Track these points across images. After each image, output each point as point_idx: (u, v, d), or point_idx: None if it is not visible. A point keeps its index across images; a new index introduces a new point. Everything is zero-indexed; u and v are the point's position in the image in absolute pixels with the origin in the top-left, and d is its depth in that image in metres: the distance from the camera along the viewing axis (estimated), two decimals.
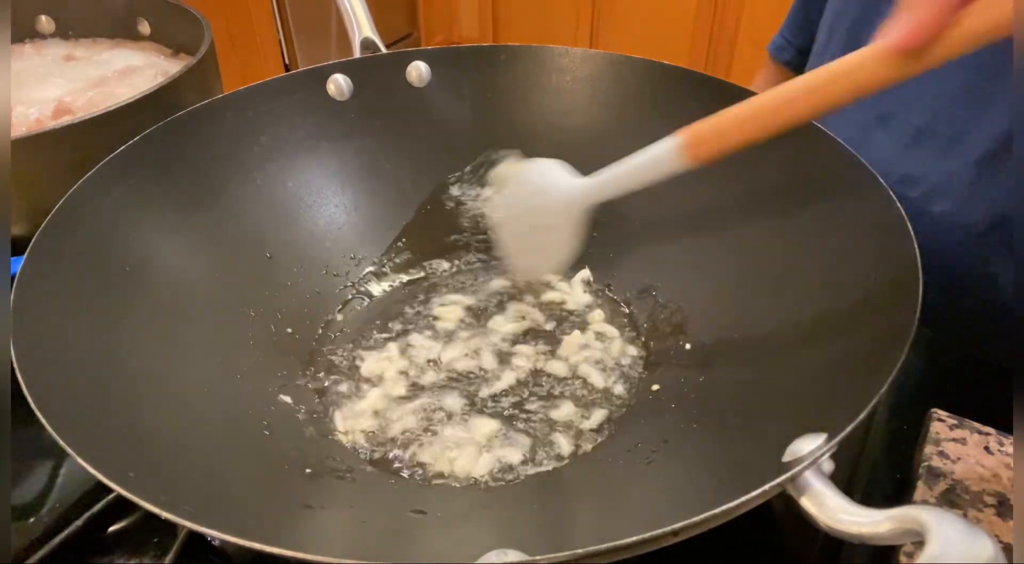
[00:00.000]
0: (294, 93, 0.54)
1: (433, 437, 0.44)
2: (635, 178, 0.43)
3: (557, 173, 0.47)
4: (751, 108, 0.37)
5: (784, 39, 0.74)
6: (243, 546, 0.26)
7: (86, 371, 0.36)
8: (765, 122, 0.37)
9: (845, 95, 0.34)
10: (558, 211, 0.46)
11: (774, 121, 0.36)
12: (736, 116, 0.38)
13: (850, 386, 0.33)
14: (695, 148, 0.39)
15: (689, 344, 0.47)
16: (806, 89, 0.35)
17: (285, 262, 0.52)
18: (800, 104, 0.36)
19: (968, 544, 0.22)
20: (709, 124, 0.38)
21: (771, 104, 0.36)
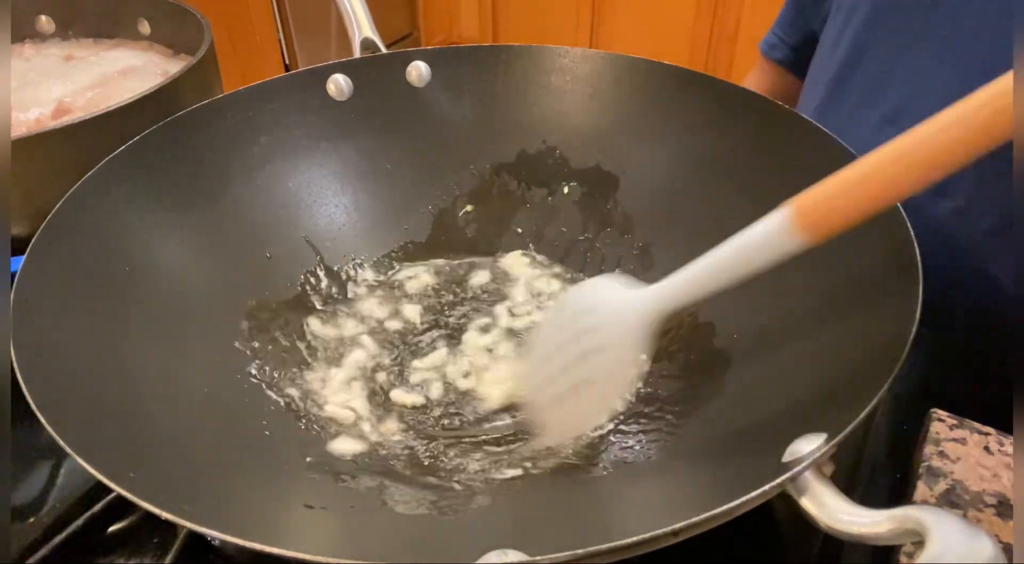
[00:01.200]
0: (294, 93, 0.54)
1: (433, 437, 0.44)
2: (729, 271, 0.34)
3: (613, 286, 0.38)
4: (880, 166, 0.30)
5: (777, 37, 0.74)
6: (243, 546, 0.26)
7: (86, 371, 0.36)
8: (899, 183, 0.29)
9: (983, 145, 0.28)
10: (613, 333, 0.37)
11: (910, 181, 0.29)
12: (862, 177, 0.30)
13: (850, 386, 0.33)
14: (816, 220, 0.31)
15: (689, 345, 0.47)
16: (950, 135, 0.29)
17: (285, 262, 0.52)
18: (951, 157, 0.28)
19: (968, 544, 0.22)
20: (829, 189, 0.30)
21: (912, 156, 0.29)
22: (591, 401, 0.39)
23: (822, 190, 0.31)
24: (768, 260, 0.33)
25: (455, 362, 0.48)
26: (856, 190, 0.30)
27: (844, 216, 0.31)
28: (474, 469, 0.42)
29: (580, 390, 0.39)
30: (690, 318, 0.49)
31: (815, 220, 0.31)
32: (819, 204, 0.31)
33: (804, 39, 0.71)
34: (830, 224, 0.31)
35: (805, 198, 0.31)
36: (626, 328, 0.37)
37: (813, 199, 0.31)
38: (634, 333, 0.36)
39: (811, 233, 0.31)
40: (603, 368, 0.38)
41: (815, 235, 0.31)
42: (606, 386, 0.39)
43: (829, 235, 0.31)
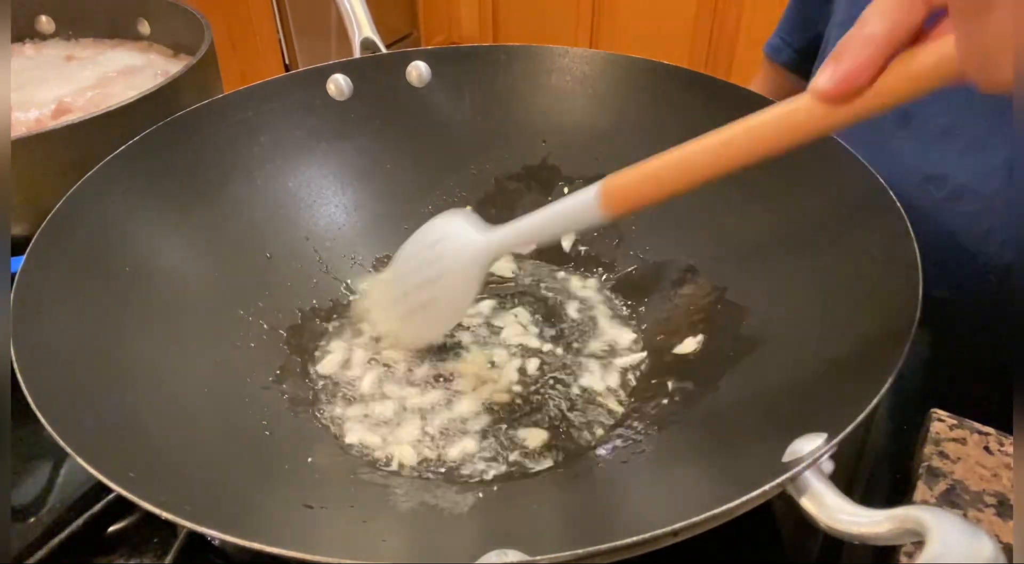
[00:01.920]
0: (294, 93, 0.54)
1: (433, 437, 0.44)
2: (548, 229, 0.41)
3: (459, 225, 0.44)
4: (677, 158, 0.35)
5: (781, 40, 0.74)
6: (243, 546, 0.26)
7: (86, 371, 0.36)
8: (690, 174, 0.35)
9: (774, 146, 0.32)
10: (454, 267, 0.44)
11: (700, 173, 0.34)
12: (661, 166, 0.35)
13: (850, 386, 0.33)
14: (615, 200, 0.37)
15: (689, 345, 0.47)
16: (732, 140, 0.33)
17: (285, 262, 0.52)
18: (727, 155, 0.33)
19: (968, 544, 0.22)
20: (632, 175, 0.36)
21: (698, 155, 0.34)
22: (432, 318, 0.47)
23: (625, 176, 0.37)
24: (577, 226, 0.41)
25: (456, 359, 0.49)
26: (650, 180, 0.36)
27: (636, 201, 0.37)
28: (475, 468, 0.42)
29: (424, 308, 0.46)
30: (690, 320, 0.49)
31: (615, 201, 0.37)
32: (619, 188, 0.37)
33: (809, 42, 0.70)
34: (625, 206, 0.37)
35: (611, 181, 0.37)
36: (463, 263, 0.43)
37: (616, 183, 0.37)
38: (469, 268, 0.43)
39: (611, 210, 0.37)
40: (442, 292, 0.45)
41: (613, 212, 0.37)
42: (443, 305, 0.46)
43: (624, 213, 0.37)
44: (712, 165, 0.34)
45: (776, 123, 0.32)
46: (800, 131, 0.31)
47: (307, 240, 0.54)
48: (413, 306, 0.47)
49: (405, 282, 0.47)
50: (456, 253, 0.44)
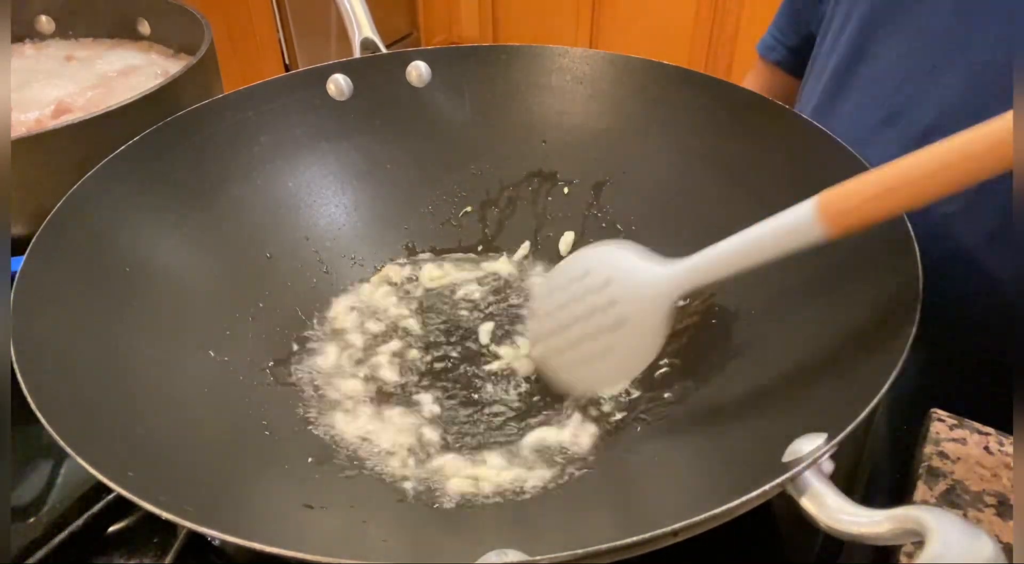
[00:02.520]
0: (294, 93, 0.54)
1: (434, 437, 0.44)
2: (752, 254, 0.36)
3: (631, 259, 0.40)
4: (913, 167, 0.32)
5: (774, 38, 0.74)
6: (243, 546, 0.26)
7: (86, 371, 0.36)
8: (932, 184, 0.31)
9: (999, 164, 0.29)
10: (634, 308, 0.38)
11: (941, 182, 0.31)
12: (894, 176, 0.32)
13: (850, 386, 0.33)
14: (839, 215, 0.33)
15: (689, 345, 0.47)
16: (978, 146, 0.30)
17: (285, 262, 0.52)
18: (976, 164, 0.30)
19: (968, 544, 0.22)
20: (859, 186, 0.33)
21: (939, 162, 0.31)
22: (612, 367, 0.41)
23: (848, 188, 0.33)
24: (790, 246, 0.35)
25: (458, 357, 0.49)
26: (880, 192, 0.32)
27: (865, 214, 0.33)
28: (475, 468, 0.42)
29: (597, 359, 0.41)
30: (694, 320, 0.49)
31: (838, 215, 0.33)
32: (844, 200, 0.33)
33: (802, 40, 0.70)
34: (851, 220, 0.33)
35: (832, 193, 0.33)
36: (649, 302, 0.38)
37: (839, 195, 0.33)
38: (656, 308, 0.38)
39: (833, 226, 0.33)
40: (623, 340, 0.39)
41: (836, 228, 0.33)
42: (625, 357, 0.40)
43: (849, 230, 0.33)
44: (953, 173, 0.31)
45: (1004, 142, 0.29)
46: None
47: (307, 240, 0.54)
48: (586, 356, 0.41)
49: (570, 332, 0.42)
50: (635, 294, 0.39)
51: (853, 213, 0.33)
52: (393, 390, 0.47)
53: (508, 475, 0.41)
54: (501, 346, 0.50)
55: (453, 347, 0.50)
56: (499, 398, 0.46)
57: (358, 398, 0.46)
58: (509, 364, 0.48)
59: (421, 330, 0.51)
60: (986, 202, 0.50)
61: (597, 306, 0.40)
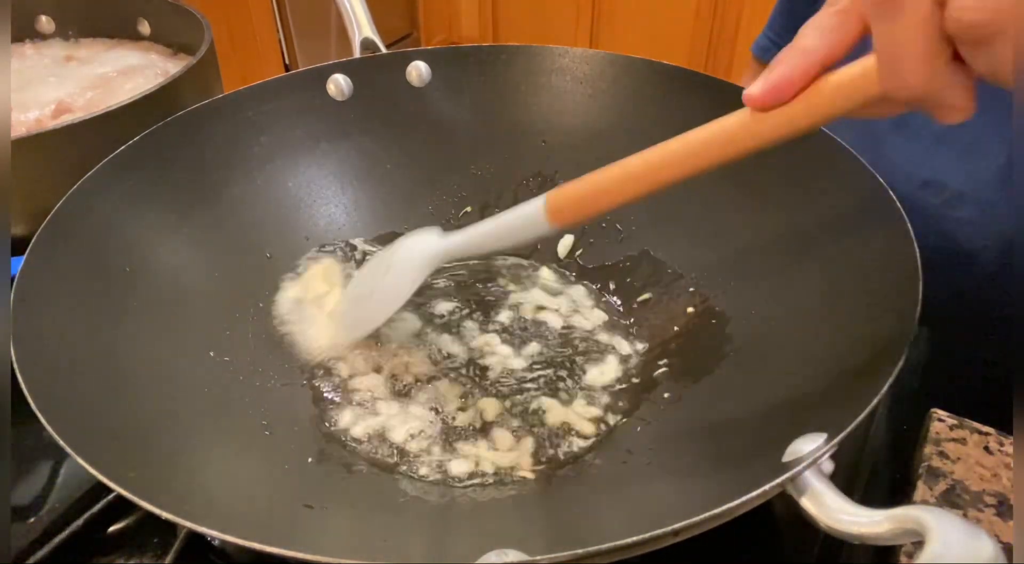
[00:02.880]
0: (294, 93, 0.54)
1: (434, 437, 0.44)
2: (498, 239, 0.42)
3: (421, 232, 0.46)
4: (619, 172, 0.36)
5: (768, 39, 0.74)
6: (243, 546, 0.26)
7: (86, 371, 0.36)
8: (632, 187, 0.36)
9: (710, 158, 0.34)
10: (403, 261, 0.46)
11: (640, 186, 0.36)
12: (604, 180, 0.37)
13: (850, 386, 0.33)
14: (561, 211, 0.38)
15: (689, 345, 0.47)
16: (672, 154, 0.35)
17: (285, 262, 0.52)
18: (668, 171, 0.35)
19: (968, 544, 0.22)
20: (576, 188, 0.38)
21: (639, 168, 0.36)
22: (373, 305, 0.47)
23: (569, 189, 0.38)
24: (526, 237, 0.40)
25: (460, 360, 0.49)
26: (594, 192, 0.37)
27: (580, 212, 0.38)
28: (475, 469, 0.42)
29: (369, 295, 0.47)
30: (694, 320, 0.49)
31: (559, 212, 0.38)
32: (564, 200, 0.38)
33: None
34: (570, 217, 0.39)
35: (556, 193, 0.39)
36: (412, 257, 0.45)
37: (561, 195, 0.38)
38: (416, 261, 0.45)
39: (557, 221, 0.38)
40: (387, 282, 0.46)
41: (559, 223, 0.39)
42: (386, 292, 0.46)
43: (570, 224, 0.39)
44: (652, 179, 0.35)
45: (711, 137, 0.33)
46: (733, 144, 0.33)
47: (307, 240, 0.54)
48: (359, 293, 0.48)
49: (358, 278, 0.50)
50: (409, 250, 0.46)
51: (571, 210, 0.38)
52: (394, 392, 0.47)
53: (507, 476, 0.41)
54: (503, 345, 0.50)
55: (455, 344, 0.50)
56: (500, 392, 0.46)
57: (358, 398, 0.46)
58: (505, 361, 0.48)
59: (420, 327, 0.51)
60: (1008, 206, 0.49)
61: (383, 258, 0.47)
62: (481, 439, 0.44)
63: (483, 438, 0.44)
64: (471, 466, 0.42)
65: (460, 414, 0.45)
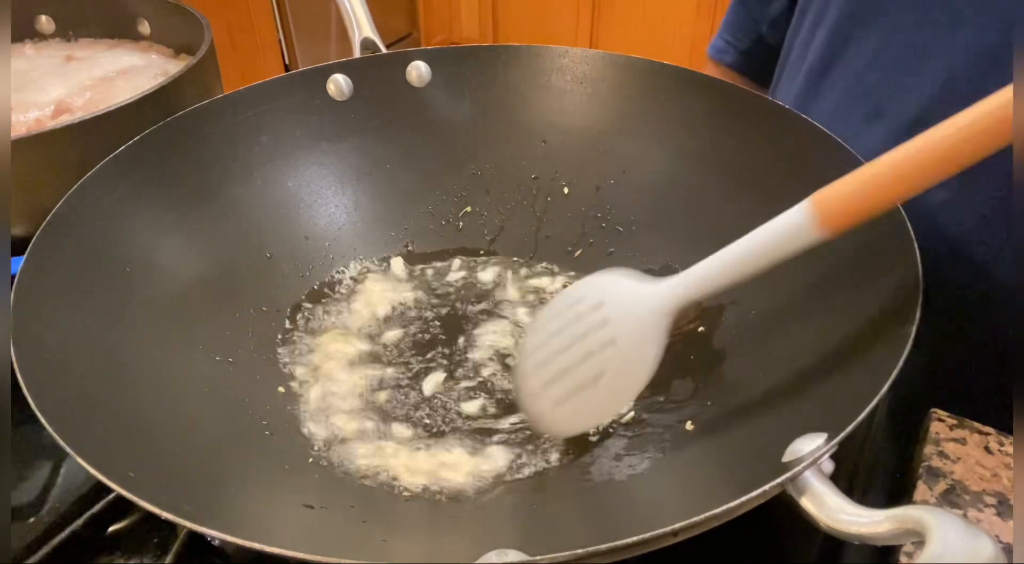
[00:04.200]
0: (294, 93, 0.54)
1: (435, 437, 0.44)
2: (748, 264, 0.35)
3: (624, 281, 0.38)
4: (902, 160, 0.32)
5: (725, 42, 0.74)
6: (243, 546, 0.26)
7: (86, 371, 0.36)
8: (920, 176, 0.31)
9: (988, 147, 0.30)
10: (626, 327, 0.37)
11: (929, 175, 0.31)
12: (884, 172, 0.32)
13: (850, 386, 0.33)
14: (834, 215, 0.33)
15: (688, 345, 0.47)
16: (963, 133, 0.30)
17: (285, 262, 0.52)
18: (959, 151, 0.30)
19: (968, 544, 0.22)
20: (849, 185, 0.33)
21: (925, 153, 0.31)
22: (601, 396, 0.38)
23: (840, 186, 0.33)
24: (788, 251, 0.34)
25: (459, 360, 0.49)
26: (870, 187, 0.33)
27: (858, 211, 0.33)
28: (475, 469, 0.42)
29: (588, 386, 0.38)
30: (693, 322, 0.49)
31: (833, 214, 0.33)
32: (837, 199, 0.33)
33: (753, 42, 0.71)
34: (846, 218, 0.33)
35: (825, 193, 0.33)
36: (641, 319, 0.36)
37: (832, 194, 0.33)
38: (650, 327, 0.36)
39: (829, 226, 0.33)
40: (615, 362, 0.37)
41: (833, 228, 0.33)
42: (618, 379, 0.38)
43: (845, 228, 0.33)
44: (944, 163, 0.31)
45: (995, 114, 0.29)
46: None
47: (307, 240, 0.54)
48: (577, 384, 0.39)
49: (560, 360, 0.39)
50: (629, 311, 0.37)
51: (849, 212, 0.33)
52: (394, 390, 0.47)
53: (507, 476, 0.41)
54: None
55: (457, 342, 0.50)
56: (501, 393, 0.46)
57: (358, 398, 0.46)
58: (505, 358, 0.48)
59: (423, 328, 0.51)
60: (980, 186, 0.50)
61: (589, 327, 0.38)
62: (481, 438, 0.43)
63: (483, 438, 0.44)
64: (471, 466, 0.42)
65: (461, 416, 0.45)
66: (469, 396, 0.46)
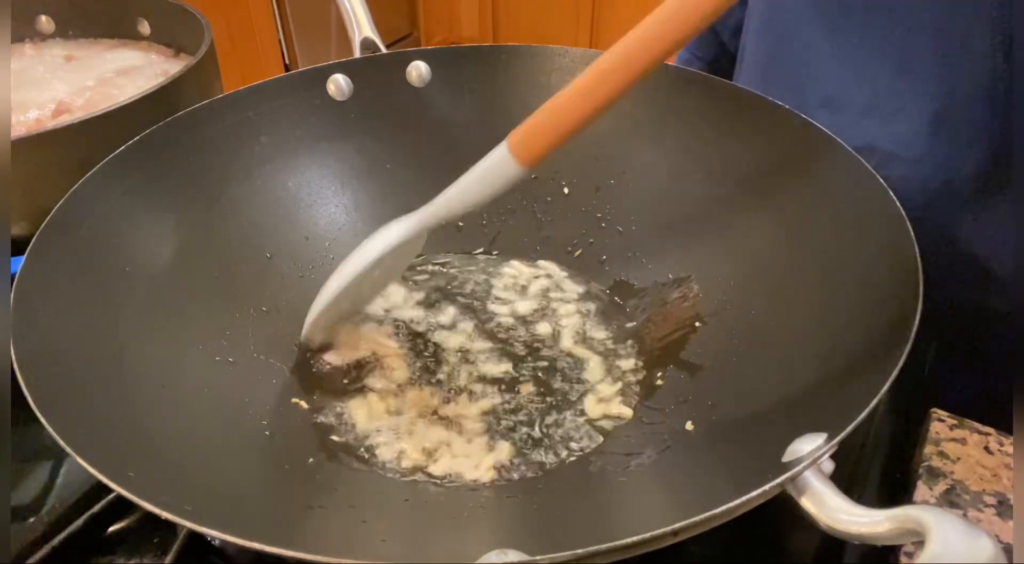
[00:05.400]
0: (294, 93, 0.54)
1: (435, 436, 0.44)
2: (469, 196, 0.41)
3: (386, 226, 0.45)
4: (576, 89, 0.36)
5: (690, 53, 0.75)
6: (243, 546, 0.26)
7: (86, 371, 0.36)
8: (592, 100, 0.36)
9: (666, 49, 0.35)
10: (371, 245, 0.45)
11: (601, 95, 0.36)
12: (562, 102, 0.37)
13: (850, 386, 0.33)
14: (528, 148, 0.38)
15: (688, 345, 0.47)
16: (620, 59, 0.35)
17: (285, 262, 0.52)
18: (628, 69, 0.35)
19: (968, 544, 0.22)
20: (536, 119, 0.37)
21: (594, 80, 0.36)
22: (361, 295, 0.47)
23: (529, 123, 0.38)
24: (498, 186, 0.40)
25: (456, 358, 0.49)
26: (552, 115, 0.37)
27: (548, 142, 0.37)
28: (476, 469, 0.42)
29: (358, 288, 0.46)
30: (693, 320, 0.49)
31: (526, 148, 0.38)
32: (526, 134, 0.38)
33: (717, 53, 0.73)
34: (538, 151, 0.38)
35: (517, 131, 0.38)
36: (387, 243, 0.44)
37: (523, 131, 0.38)
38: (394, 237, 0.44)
39: (526, 159, 0.38)
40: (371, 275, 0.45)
41: (529, 160, 0.38)
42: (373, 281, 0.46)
43: (541, 159, 0.38)
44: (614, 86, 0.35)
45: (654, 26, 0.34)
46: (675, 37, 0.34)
47: (307, 240, 0.54)
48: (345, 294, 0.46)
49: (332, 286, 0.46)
50: (379, 238, 0.45)
51: (537, 143, 0.38)
52: (393, 391, 0.47)
53: (507, 476, 0.41)
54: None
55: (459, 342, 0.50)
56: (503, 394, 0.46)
57: (359, 398, 0.46)
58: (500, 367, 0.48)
59: (424, 327, 0.51)
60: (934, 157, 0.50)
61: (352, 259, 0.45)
62: (482, 439, 0.43)
63: (483, 438, 0.44)
64: (471, 466, 0.42)
65: (461, 416, 0.45)
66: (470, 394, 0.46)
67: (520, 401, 0.46)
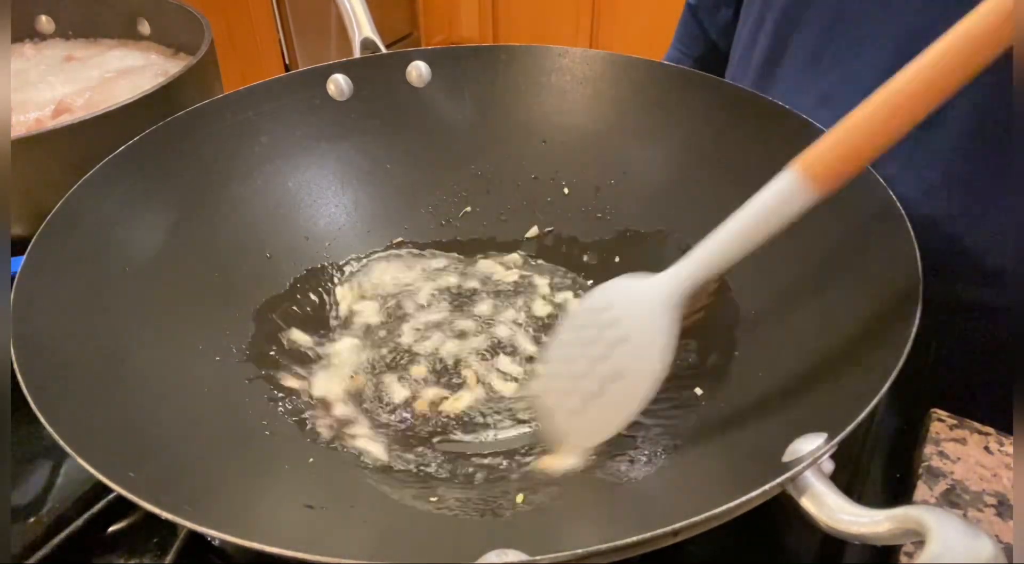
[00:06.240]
0: (294, 93, 0.54)
1: (435, 437, 0.44)
2: (746, 240, 0.35)
3: (631, 280, 0.38)
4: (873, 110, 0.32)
5: (679, 51, 0.76)
6: (243, 546, 0.26)
7: (86, 371, 0.36)
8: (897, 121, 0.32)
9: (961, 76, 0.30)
10: (634, 322, 0.36)
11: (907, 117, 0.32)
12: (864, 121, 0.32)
13: (850, 386, 0.33)
14: (823, 176, 0.33)
15: (689, 346, 0.47)
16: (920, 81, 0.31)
17: (285, 262, 0.52)
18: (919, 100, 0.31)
19: (968, 544, 0.22)
20: (834, 141, 0.33)
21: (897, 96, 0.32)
22: (619, 398, 0.37)
23: (823, 143, 0.33)
24: (784, 219, 0.34)
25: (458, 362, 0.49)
26: (852, 136, 0.33)
27: (845, 163, 0.33)
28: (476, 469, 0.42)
29: (607, 388, 0.37)
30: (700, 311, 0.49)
31: (822, 170, 0.33)
32: (822, 155, 0.33)
33: (705, 50, 0.73)
34: (836, 177, 0.33)
35: (810, 156, 0.33)
36: (650, 312, 0.36)
37: (816, 152, 0.33)
38: (659, 316, 0.36)
39: (821, 183, 0.33)
40: (629, 359, 0.36)
41: (825, 185, 0.33)
42: (634, 378, 0.36)
43: (838, 183, 0.33)
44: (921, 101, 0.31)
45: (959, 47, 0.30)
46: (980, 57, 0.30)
47: (307, 240, 0.54)
48: (595, 389, 0.37)
49: (573, 368, 0.38)
50: (636, 304, 0.36)
51: (837, 167, 0.33)
52: (393, 391, 0.47)
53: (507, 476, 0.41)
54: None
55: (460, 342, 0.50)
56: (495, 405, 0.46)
57: (359, 398, 0.46)
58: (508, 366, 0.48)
59: (423, 329, 0.51)
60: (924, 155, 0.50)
61: (600, 329, 0.37)
62: (481, 437, 0.43)
63: (483, 437, 0.44)
64: (470, 466, 0.42)
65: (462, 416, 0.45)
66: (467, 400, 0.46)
67: (522, 399, 0.46)
